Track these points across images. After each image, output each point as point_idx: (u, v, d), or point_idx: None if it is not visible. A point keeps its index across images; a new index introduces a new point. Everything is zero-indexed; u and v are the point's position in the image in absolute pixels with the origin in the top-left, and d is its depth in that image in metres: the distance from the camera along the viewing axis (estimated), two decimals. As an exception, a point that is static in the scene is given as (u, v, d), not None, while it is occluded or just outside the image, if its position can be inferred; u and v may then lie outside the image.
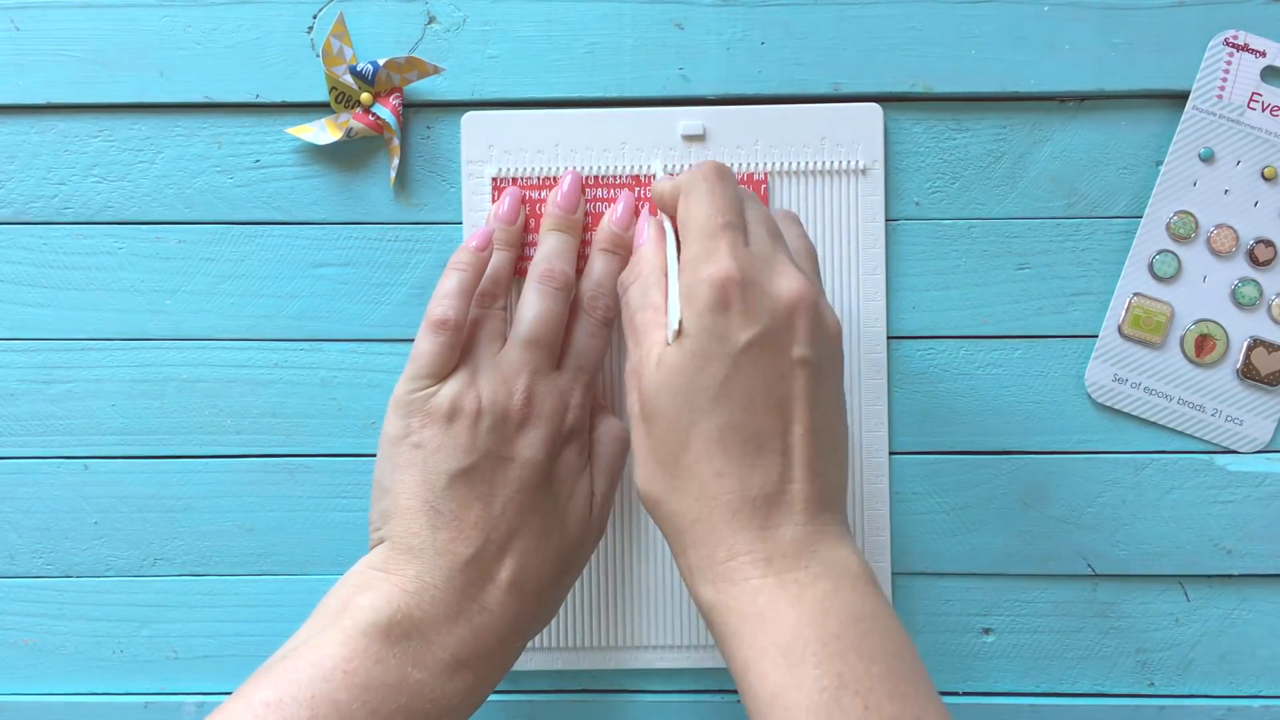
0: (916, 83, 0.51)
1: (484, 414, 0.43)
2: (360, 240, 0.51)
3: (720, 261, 0.39)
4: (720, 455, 0.39)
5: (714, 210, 0.41)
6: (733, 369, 0.39)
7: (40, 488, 0.52)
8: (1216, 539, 0.51)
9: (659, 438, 0.40)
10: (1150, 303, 0.51)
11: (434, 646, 0.40)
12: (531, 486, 0.43)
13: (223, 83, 0.51)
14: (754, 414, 0.39)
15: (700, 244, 0.40)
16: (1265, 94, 0.50)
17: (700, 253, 0.40)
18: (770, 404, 0.39)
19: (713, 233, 0.40)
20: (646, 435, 0.40)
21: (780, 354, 0.39)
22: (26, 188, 0.51)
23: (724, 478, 0.38)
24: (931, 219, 0.51)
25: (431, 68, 0.50)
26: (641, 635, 0.51)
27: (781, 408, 0.39)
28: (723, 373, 0.39)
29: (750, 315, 0.39)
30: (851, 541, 0.40)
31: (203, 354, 0.52)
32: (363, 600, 0.41)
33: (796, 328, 0.39)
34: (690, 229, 0.41)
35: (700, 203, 0.41)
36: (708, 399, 0.39)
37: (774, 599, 0.37)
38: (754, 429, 0.39)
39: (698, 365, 0.39)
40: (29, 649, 0.52)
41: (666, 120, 0.51)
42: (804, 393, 0.39)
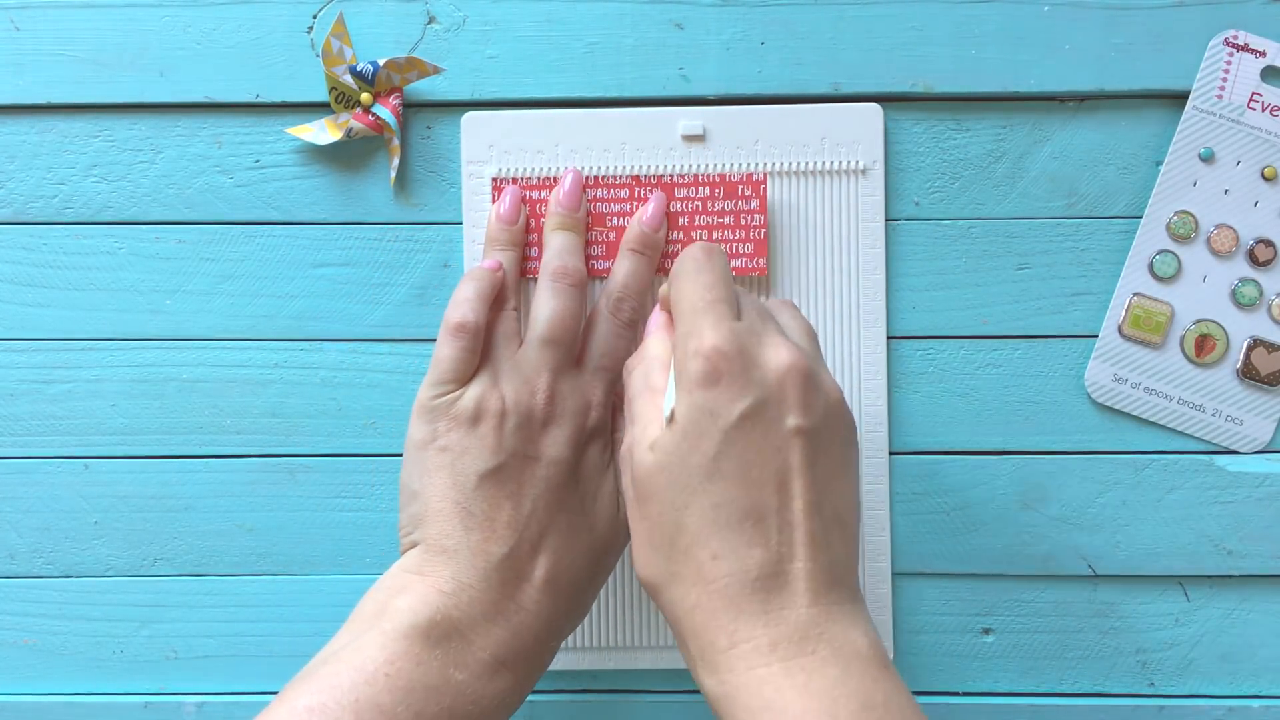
0: (916, 83, 0.51)
1: (509, 414, 0.43)
2: (360, 240, 0.51)
3: (707, 335, 0.38)
4: (715, 536, 0.37)
5: (701, 287, 0.40)
6: (725, 444, 0.37)
7: (40, 488, 0.52)
8: (1217, 539, 0.51)
9: (654, 521, 0.38)
10: (1150, 303, 0.51)
11: (474, 647, 0.40)
12: (559, 485, 0.43)
13: (223, 83, 0.51)
14: (749, 490, 0.37)
15: (689, 321, 0.39)
16: (1265, 94, 0.50)
17: (687, 330, 0.39)
18: (766, 478, 0.37)
19: (700, 309, 0.39)
20: (641, 519, 0.39)
21: (774, 425, 0.37)
22: (26, 188, 0.52)
23: (720, 560, 0.37)
24: (931, 219, 0.51)
25: (431, 68, 0.50)
26: (642, 635, 0.51)
27: (779, 482, 0.37)
28: (715, 449, 0.37)
29: (741, 387, 0.37)
30: (863, 619, 0.38)
31: (203, 354, 0.52)
32: (401, 603, 0.41)
33: (790, 397, 0.38)
34: (680, 309, 0.40)
35: (688, 281, 0.40)
36: (701, 477, 0.37)
37: (780, 689, 0.35)
38: (749, 505, 0.37)
39: (690, 443, 0.38)
40: (29, 649, 0.52)
41: (666, 120, 0.51)
42: (802, 465, 0.37)
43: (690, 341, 0.38)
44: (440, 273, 0.51)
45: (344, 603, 0.52)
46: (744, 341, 0.38)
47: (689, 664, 0.39)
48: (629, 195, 0.49)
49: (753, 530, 0.37)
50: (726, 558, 0.37)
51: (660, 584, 0.38)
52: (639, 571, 0.39)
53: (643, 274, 0.48)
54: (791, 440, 0.37)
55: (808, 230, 0.51)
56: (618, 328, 0.47)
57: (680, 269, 0.41)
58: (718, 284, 0.40)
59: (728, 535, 0.37)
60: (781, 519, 0.37)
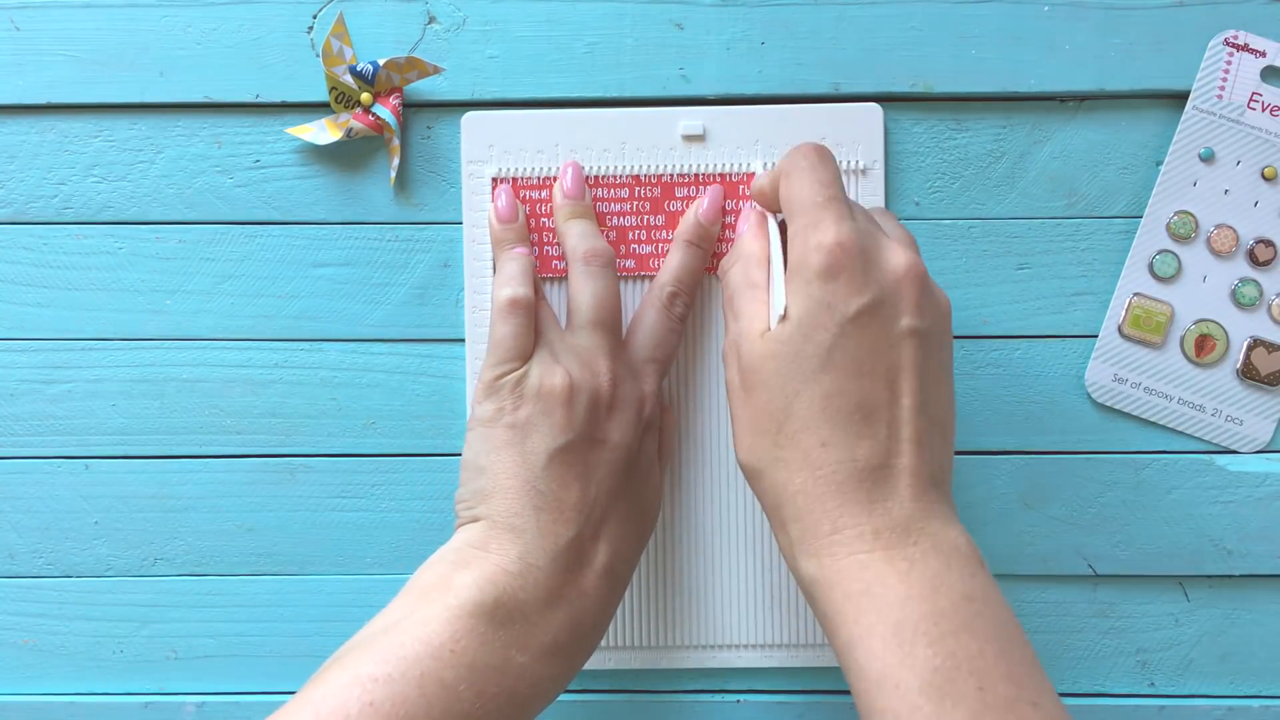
0: (917, 83, 0.51)
1: (577, 392, 0.43)
2: (360, 240, 0.51)
3: (829, 230, 0.39)
4: (825, 424, 0.38)
5: (819, 184, 0.40)
6: (840, 336, 0.38)
7: (40, 488, 0.52)
8: (1217, 539, 0.51)
9: (761, 407, 0.39)
10: (1150, 303, 0.51)
11: (537, 630, 0.40)
12: (621, 471, 0.43)
13: (223, 83, 0.51)
14: (861, 383, 0.38)
15: (808, 215, 0.40)
16: (1265, 94, 0.50)
17: (809, 223, 0.39)
18: (878, 374, 0.38)
19: (820, 204, 0.40)
20: (746, 404, 0.40)
21: (889, 323, 0.38)
22: (26, 188, 0.52)
23: (829, 447, 0.38)
24: (931, 219, 0.51)
25: (431, 68, 0.50)
26: (642, 635, 0.51)
27: (889, 379, 0.38)
28: (830, 340, 0.38)
29: (860, 283, 0.38)
30: (958, 521, 0.39)
31: (203, 354, 0.52)
32: (466, 578, 0.40)
33: (906, 298, 0.39)
34: (795, 205, 0.40)
35: (804, 179, 0.41)
36: (814, 366, 0.38)
37: (882, 574, 0.36)
38: (860, 398, 0.38)
39: (804, 333, 0.38)
40: (29, 649, 0.52)
41: (666, 120, 0.51)
42: (912, 365, 0.38)
43: (812, 235, 0.39)
44: (440, 273, 0.51)
45: (344, 603, 0.52)
46: (864, 241, 0.39)
47: (784, 550, 0.40)
48: (629, 195, 0.49)
49: (861, 423, 0.38)
50: (835, 446, 0.38)
51: (763, 468, 0.39)
52: (741, 456, 0.40)
53: (695, 267, 0.48)
54: (904, 340, 0.38)
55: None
56: (670, 322, 0.47)
57: (793, 166, 0.41)
58: (833, 182, 0.41)
59: (838, 424, 0.38)
60: (890, 414, 0.38)
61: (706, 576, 0.51)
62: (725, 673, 0.52)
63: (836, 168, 0.42)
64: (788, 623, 0.51)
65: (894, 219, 0.45)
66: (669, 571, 0.51)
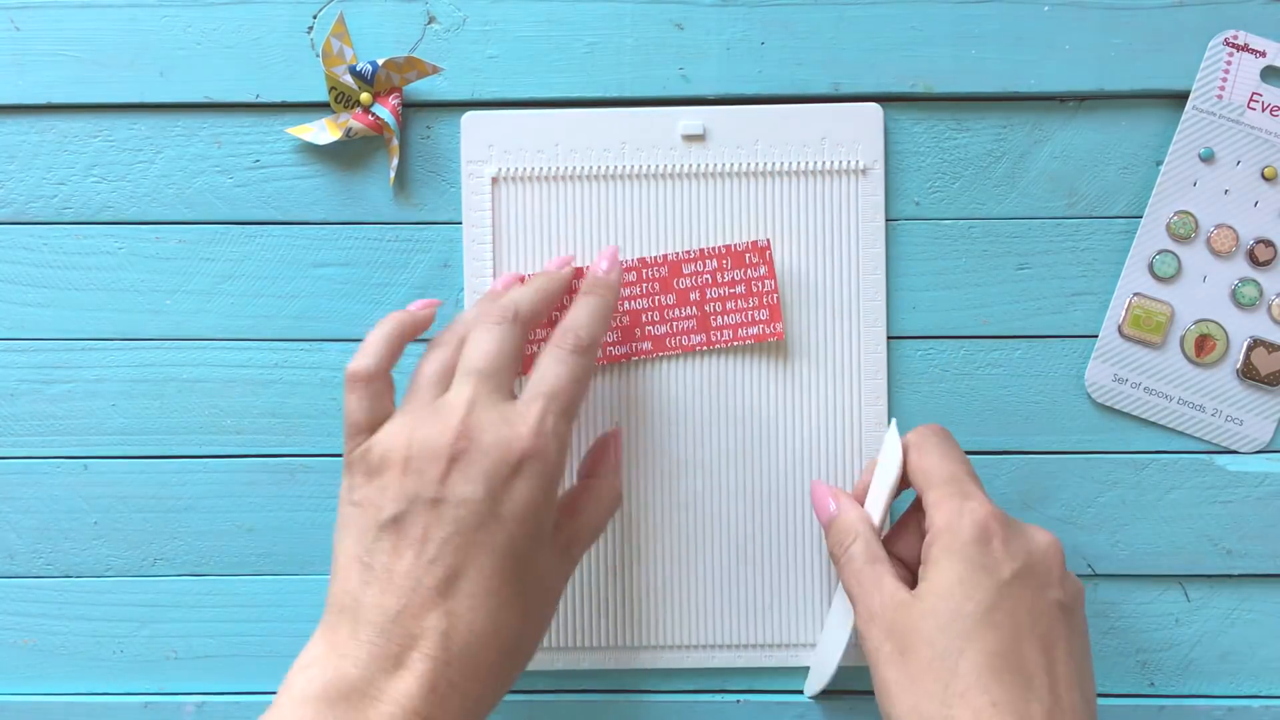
0: (917, 82, 0.51)
1: (414, 456, 0.41)
2: (360, 240, 0.51)
3: (981, 500, 0.42)
4: (994, 683, 0.39)
5: (959, 460, 0.44)
6: (999, 597, 0.40)
7: (40, 488, 0.52)
8: (1217, 539, 0.51)
9: (923, 667, 0.40)
10: (1150, 303, 0.51)
11: (380, 703, 0.38)
12: (473, 526, 0.40)
13: (222, 82, 0.51)
14: (1020, 646, 0.40)
15: (954, 485, 0.43)
16: (1265, 94, 0.50)
17: (956, 493, 0.42)
18: (1035, 639, 0.40)
19: (964, 477, 0.43)
20: (904, 667, 0.40)
21: (1040, 592, 0.41)
22: (26, 188, 0.51)
23: (1000, 708, 0.38)
24: (932, 219, 0.51)
25: (431, 68, 0.50)
26: (642, 635, 0.51)
27: (1044, 645, 0.40)
28: (989, 600, 0.40)
29: (1010, 552, 0.41)
30: None
31: (203, 354, 0.52)
32: (303, 669, 0.40)
33: (1053, 571, 0.42)
34: (935, 475, 0.44)
35: (942, 452, 0.44)
36: (976, 624, 0.40)
37: None
38: (1020, 661, 0.39)
39: (965, 591, 0.40)
40: (29, 649, 0.52)
41: (666, 120, 0.51)
42: (1063, 636, 0.41)
43: (964, 503, 0.42)
44: (440, 273, 0.51)
45: (344, 603, 0.52)
46: (1006, 516, 0.43)
47: None
48: (637, 278, 0.50)
49: (1025, 686, 0.39)
50: (1006, 706, 0.38)
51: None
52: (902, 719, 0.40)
53: (596, 311, 0.45)
54: (1054, 611, 0.41)
55: (808, 230, 0.51)
56: (560, 354, 0.44)
57: (924, 440, 0.45)
58: (964, 460, 0.45)
59: (1004, 685, 0.39)
60: (1050, 680, 0.40)
61: (706, 577, 0.51)
62: (725, 673, 0.52)
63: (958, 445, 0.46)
64: (787, 623, 0.51)
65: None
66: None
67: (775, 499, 0.51)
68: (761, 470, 0.51)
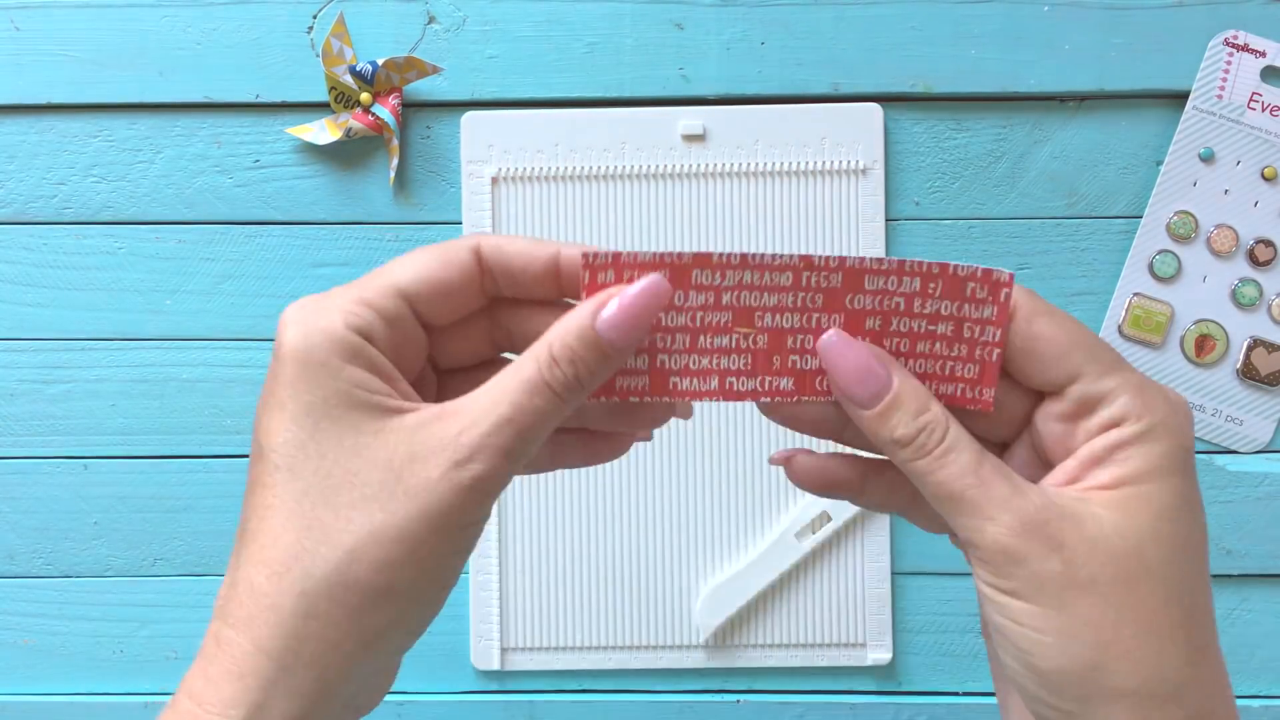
0: (916, 83, 0.51)
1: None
2: (360, 240, 0.51)
3: (1186, 406, 0.31)
4: (1216, 631, 0.30)
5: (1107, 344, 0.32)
6: (1204, 538, 0.30)
7: (40, 488, 0.52)
8: (1217, 539, 0.51)
9: (1156, 605, 0.29)
10: (1150, 303, 0.51)
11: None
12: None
13: (222, 83, 0.51)
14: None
15: (1126, 368, 0.31)
16: (1265, 94, 0.50)
17: (1137, 377, 0.30)
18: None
19: (1122, 358, 0.31)
20: (1100, 602, 0.29)
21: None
22: (26, 188, 0.51)
23: (1224, 667, 0.30)
24: (931, 219, 0.51)
25: (431, 68, 0.50)
26: (641, 635, 0.51)
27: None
28: (1203, 539, 0.30)
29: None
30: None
31: (202, 354, 0.52)
32: None
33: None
34: (1096, 350, 0.31)
35: (1072, 321, 0.31)
36: (1203, 560, 0.30)
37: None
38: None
39: (1193, 516, 0.30)
40: (28, 649, 0.52)
41: (666, 120, 0.51)
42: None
43: (1167, 394, 0.30)
44: (440, 273, 0.51)
45: (344, 603, 0.52)
46: None
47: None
48: (793, 282, 0.31)
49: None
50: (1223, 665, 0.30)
51: (1182, 692, 0.29)
52: (1137, 678, 0.29)
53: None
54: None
55: (808, 230, 0.51)
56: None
57: (1041, 306, 0.31)
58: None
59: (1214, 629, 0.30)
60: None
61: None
62: (725, 673, 0.52)
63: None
64: (788, 623, 0.51)
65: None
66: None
67: (775, 499, 0.51)
68: (761, 470, 0.51)
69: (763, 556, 0.51)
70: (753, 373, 0.32)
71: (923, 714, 0.51)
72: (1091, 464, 0.30)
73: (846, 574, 0.51)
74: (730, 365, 0.32)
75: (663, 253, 0.30)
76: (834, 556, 0.51)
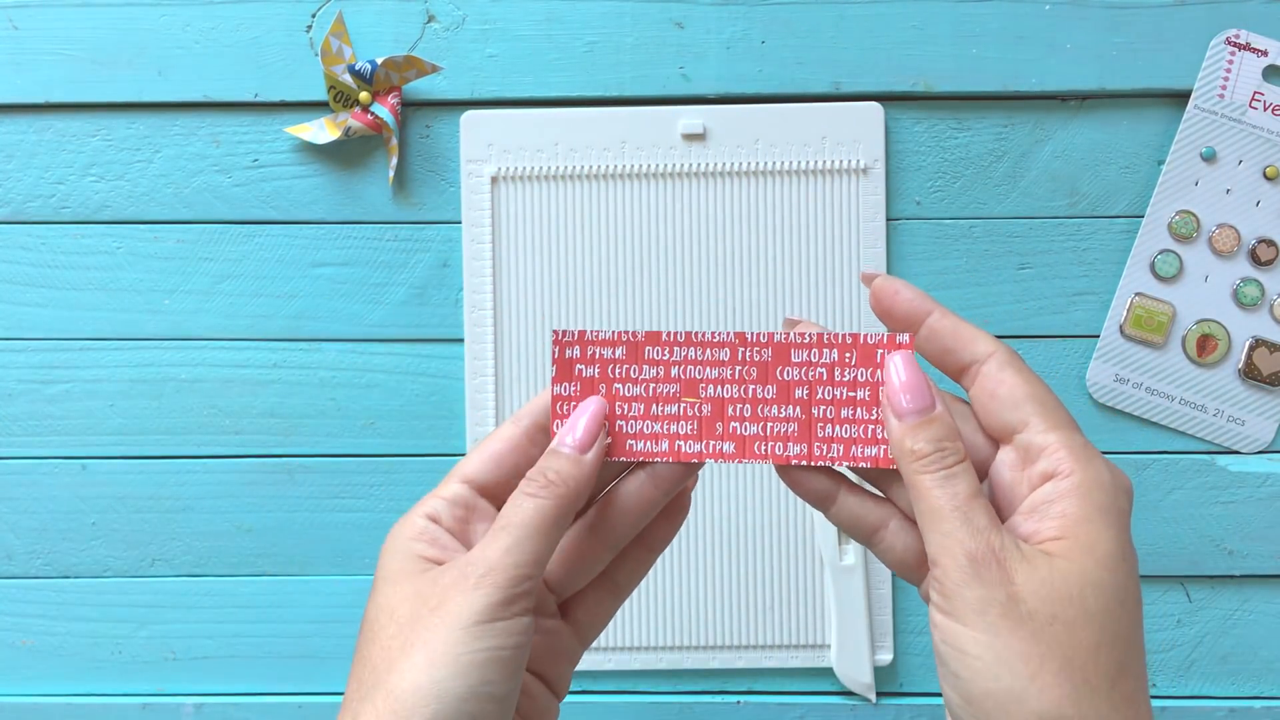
0: (917, 82, 0.51)
1: None
2: (359, 240, 0.51)
3: (1121, 470, 0.33)
4: (1146, 692, 0.32)
5: (1053, 395, 0.34)
6: (1139, 593, 0.32)
7: (38, 488, 0.52)
8: (1218, 539, 0.51)
9: (1084, 647, 0.31)
10: (1152, 302, 0.51)
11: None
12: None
13: (221, 82, 0.51)
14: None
15: (1074, 431, 0.33)
16: (1267, 93, 0.50)
17: (1082, 442, 0.33)
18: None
19: (1074, 424, 0.34)
20: (1033, 640, 0.31)
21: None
22: (24, 187, 0.51)
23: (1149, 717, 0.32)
24: (932, 218, 0.51)
25: (430, 66, 0.50)
26: (642, 635, 0.51)
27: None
28: (1137, 589, 0.32)
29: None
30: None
31: (201, 354, 0.51)
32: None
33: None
34: (1048, 409, 0.34)
35: (1037, 381, 0.34)
36: (1136, 613, 0.32)
37: None
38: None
39: (1128, 568, 0.32)
40: (27, 650, 0.52)
41: (666, 119, 0.50)
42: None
43: (1105, 462, 0.33)
44: (439, 272, 0.51)
45: (343, 603, 0.52)
46: None
47: None
48: (730, 357, 0.36)
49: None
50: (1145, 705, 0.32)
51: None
52: (1045, 702, 0.31)
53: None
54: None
55: (808, 230, 0.50)
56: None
57: (1013, 360, 0.35)
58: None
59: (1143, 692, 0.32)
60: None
61: (706, 577, 0.51)
62: (725, 673, 0.52)
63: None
64: (788, 623, 0.51)
65: None
66: (669, 573, 0.51)
67: (774, 499, 0.51)
68: (760, 471, 0.51)
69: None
70: (699, 437, 0.37)
71: (923, 715, 0.51)
72: (1035, 514, 0.33)
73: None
74: (679, 430, 0.36)
75: (621, 331, 0.36)
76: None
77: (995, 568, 0.32)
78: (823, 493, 0.35)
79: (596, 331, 0.36)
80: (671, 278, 0.51)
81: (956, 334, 0.35)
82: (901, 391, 0.34)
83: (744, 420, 0.37)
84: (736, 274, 0.51)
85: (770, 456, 0.36)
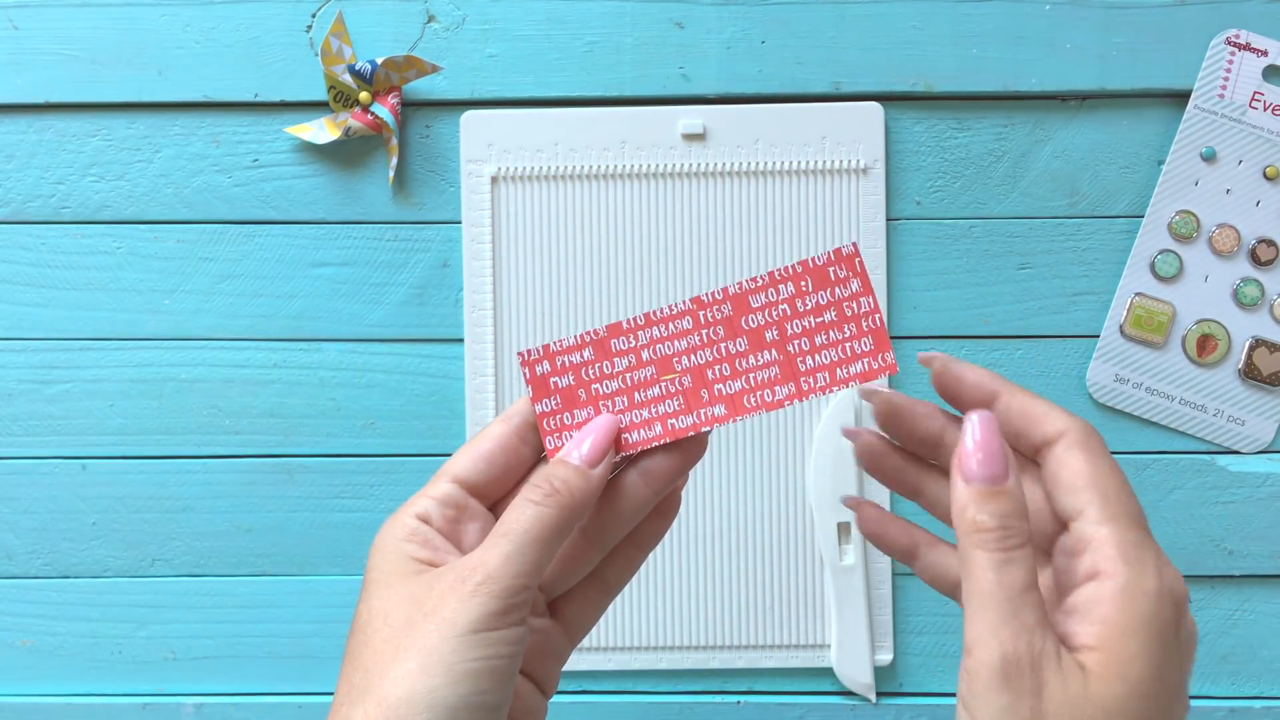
0: (917, 81, 0.51)
1: None
2: (359, 240, 0.51)
3: (1169, 565, 0.32)
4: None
5: (1127, 486, 0.33)
6: (1180, 690, 0.33)
7: (38, 488, 0.52)
8: (1218, 539, 0.51)
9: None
10: (1152, 302, 0.51)
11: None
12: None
13: (221, 82, 0.51)
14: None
15: (1136, 528, 0.32)
16: (1267, 93, 0.50)
17: (1141, 540, 0.32)
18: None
19: (1142, 517, 0.33)
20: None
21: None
22: (24, 187, 0.51)
23: None
24: (932, 218, 0.51)
25: (430, 66, 0.50)
26: (642, 635, 0.51)
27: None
28: (1176, 691, 0.33)
29: (1189, 633, 0.33)
30: None
31: (201, 354, 0.51)
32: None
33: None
34: (1125, 505, 0.32)
35: (1112, 469, 0.33)
36: (1176, 696, 0.32)
37: None
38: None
39: (1160, 687, 0.32)
40: (27, 650, 0.52)
41: (666, 119, 0.50)
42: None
43: (1161, 566, 0.32)
44: (439, 272, 0.51)
45: (342, 603, 0.52)
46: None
47: None
48: (692, 324, 0.36)
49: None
50: None
51: None
52: None
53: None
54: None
55: (808, 230, 0.50)
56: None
57: (1091, 444, 0.33)
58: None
59: None
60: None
61: (706, 578, 0.51)
62: (725, 673, 0.52)
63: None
64: (788, 623, 0.51)
65: None
66: (668, 573, 0.51)
67: (774, 499, 0.51)
68: (760, 471, 0.51)
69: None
70: (688, 410, 0.36)
71: (923, 715, 0.51)
72: (1075, 615, 0.31)
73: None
74: (667, 409, 0.36)
75: (583, 333, 0.36)
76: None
77: (1028, 675, 0.30)
78: (905, 548, 0.36)
79: (560, 341, 0.36)
80: (672, 278, 0.51)
81: (1026, 414, 0.33)
82: (975, 453, 0.32)
83: (725, 380, 0.37)
84: (737, 274, 0.51)
85: (763, 406, 0.36)
